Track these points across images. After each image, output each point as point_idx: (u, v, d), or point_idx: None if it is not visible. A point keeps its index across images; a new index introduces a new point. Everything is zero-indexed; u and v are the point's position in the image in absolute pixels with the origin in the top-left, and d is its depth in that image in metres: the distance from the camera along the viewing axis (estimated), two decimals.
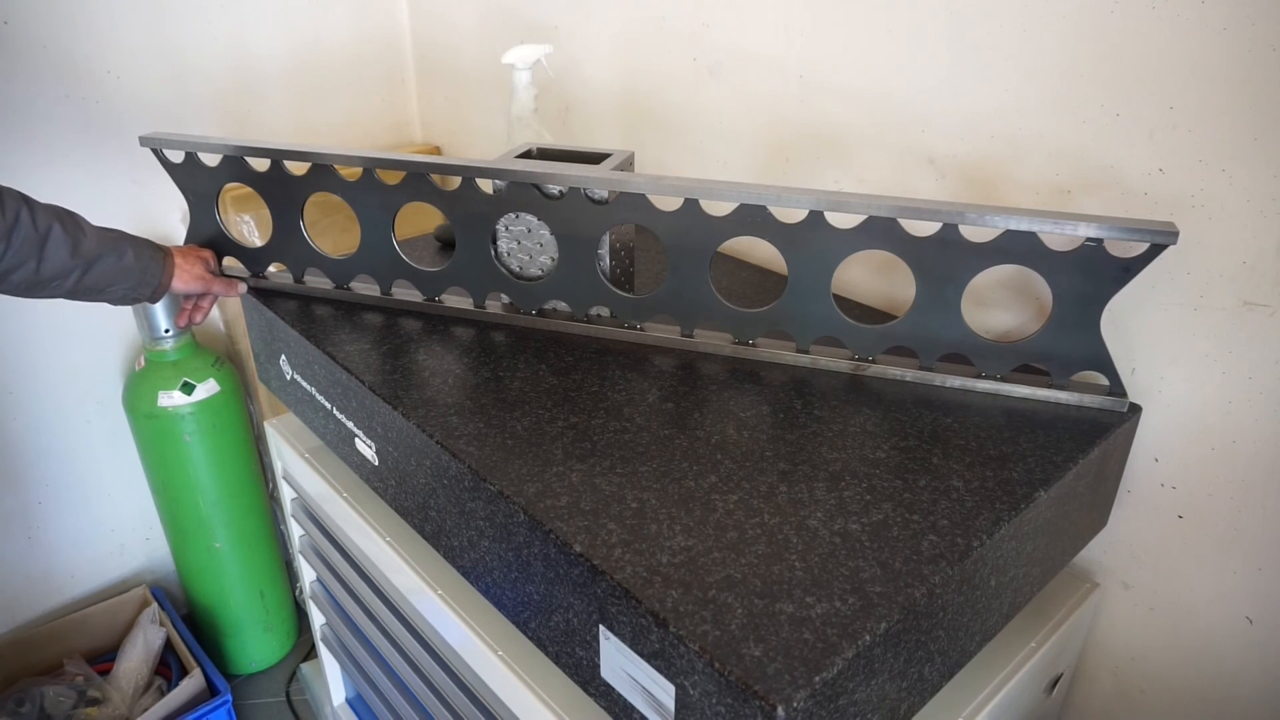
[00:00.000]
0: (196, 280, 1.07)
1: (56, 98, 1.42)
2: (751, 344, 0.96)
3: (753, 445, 0.81)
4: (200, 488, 1.56)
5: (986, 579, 0.73)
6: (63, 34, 1.40)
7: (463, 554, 0.86)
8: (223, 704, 1.52)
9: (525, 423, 0.84)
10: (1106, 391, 0.87)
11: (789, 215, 0.86)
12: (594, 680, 0.73)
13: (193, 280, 1.07)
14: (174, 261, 1.04)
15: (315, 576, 1.32)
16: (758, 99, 1.17)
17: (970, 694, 0.83)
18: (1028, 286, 0.97)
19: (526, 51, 1.14)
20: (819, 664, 0.58)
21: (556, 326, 1.02)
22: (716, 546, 0.68)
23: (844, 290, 1.13)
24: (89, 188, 1.49)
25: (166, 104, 1.53)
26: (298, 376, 1.08)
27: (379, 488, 0.99)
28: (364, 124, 1.81)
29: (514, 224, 1.00)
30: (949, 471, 0.78)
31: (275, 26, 1.62)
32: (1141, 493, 0.94)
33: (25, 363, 1.52)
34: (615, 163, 0.96)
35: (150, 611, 1.66)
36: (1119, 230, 0.77)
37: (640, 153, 1.33)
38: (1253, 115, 0.76)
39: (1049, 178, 0.92)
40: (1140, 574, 0.97)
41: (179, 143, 1.04)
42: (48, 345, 1.53)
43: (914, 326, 0.89)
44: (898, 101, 1.02)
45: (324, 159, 1.00)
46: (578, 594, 0.70)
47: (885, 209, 0.83)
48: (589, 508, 0.73)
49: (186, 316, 1.14)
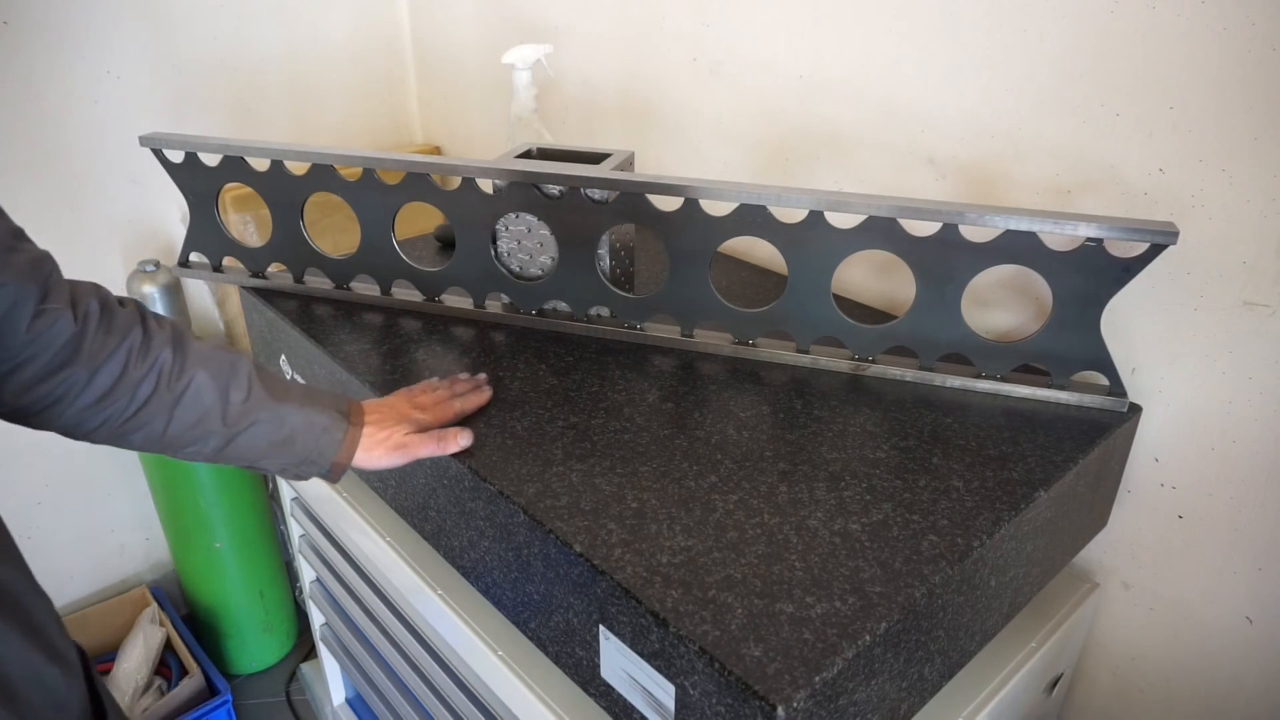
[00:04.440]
0: (390, 453, 0.80)
1: (56, 98, 1.42)
2: (751, 344, 0.96)
3: (753, 445, 0.81)
4: (200, 488, 1.56)
5: (986, 579, 0.73)
6: (63, 34, 1.40)
7: (463, 554, 0.86)
8: (223, 704, 1.52)
9: (525, 423, 0.84)
10: (1106, 391, 0.87)
11: (789, 215, 0.86)
12: (594, 680, 0.73)
13: (385, 454, 0.80)
14: (360, 432, 0.79)
15: (315, 576, 1.32)
16: (758, 99, 1.17)
17: (970, 694, 0.83)
18: (1028, 286, 0.97)
19: (526, 51, 1.14)
20: (819, 664, 0.58)
21: (556, 326, 1.02)
22: (716, 546, 0.68)
23: (844, 290, 1.13)
24: (89, 187, 1.50)
25: (166, 104, 1.53)
26: (298, 376, 1.08)
27: (379, 488, 0.99)
28: (364, 124, 1.81)
29: (514, 224, 1.00)
30: (949, 471, 0.78)
31: (275, 26, 1.62)
32: (1141, 493, 0.94)
33: None
34: (615, 163, 0.96)
35: (150, 611, 1.66)
36: (1119, 230, 0.77)
37: (640, 153, 1.33)
38: (1253, 115, 0.76)
39: (1049, 178, 0.92)
40: (1140, 574, 0.97)
41: (179, 143, 1.04)
42: None
43: (914, 326, 0.89)
44: (898, 101, 1.02)
45: (324, 159, 1.00)
46: (578, 594, 0.70)
47: (885, 209, 0.83)
48: (589, 508, 0.73)
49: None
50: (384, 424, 0.81)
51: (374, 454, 0.80)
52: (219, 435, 0.72)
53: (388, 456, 0.80)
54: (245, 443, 0.74)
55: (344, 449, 0.78)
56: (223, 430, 0.72)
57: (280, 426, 0.75)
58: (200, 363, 0.71)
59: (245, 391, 0.73)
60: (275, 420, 0.74)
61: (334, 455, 0.78)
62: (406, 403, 0.84)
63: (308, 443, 0.76)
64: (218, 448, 0.73)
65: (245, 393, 0.73)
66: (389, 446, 0.80)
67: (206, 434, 0.72)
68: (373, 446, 0.80)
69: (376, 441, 0.80)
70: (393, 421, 0.81)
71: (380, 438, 0.80)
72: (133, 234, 1.57)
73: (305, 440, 0.76)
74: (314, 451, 0.77)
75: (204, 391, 0.70)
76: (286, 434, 0.75)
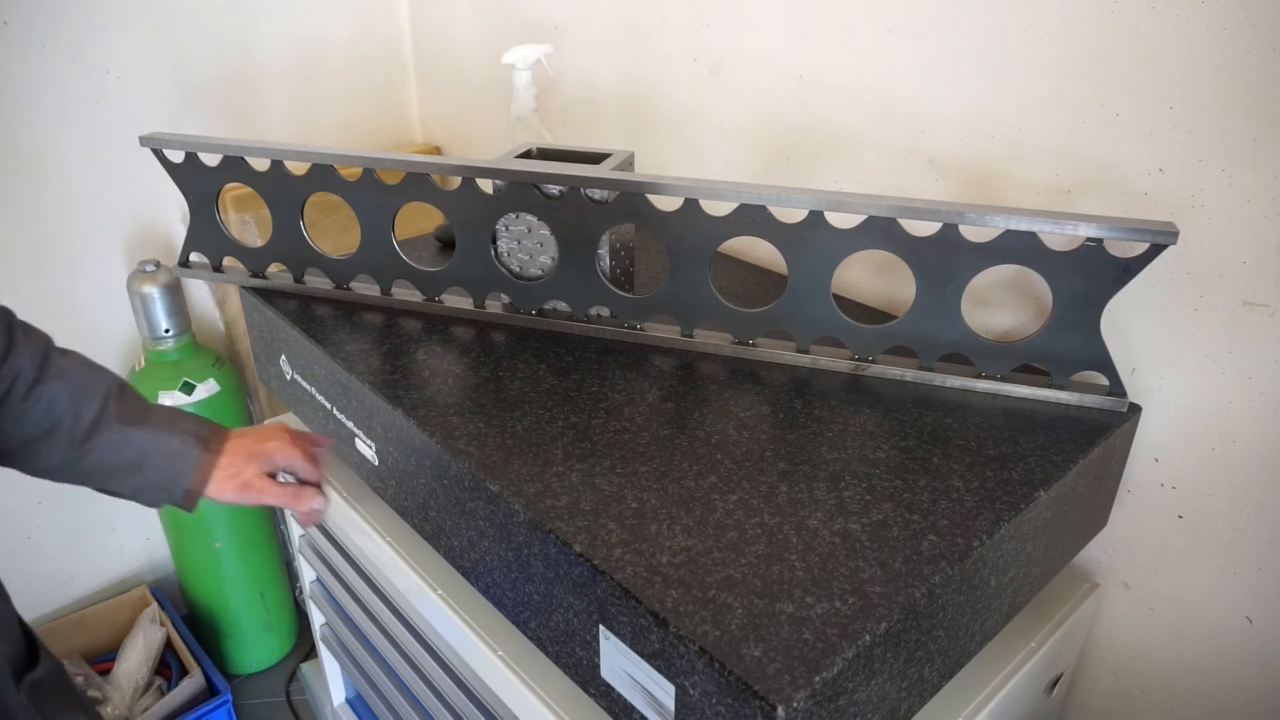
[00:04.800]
0: (239, 491, 0.80)
1: (56, 98, 1.42)
2: (751, 344, 0.96)
3: (753, 445, 0.81)
4: None
5: (986, 579, 0.73)
6: (63, 34, 1.40)
7: (463, 554, 0.86)
8: (223, 704, 1.52)
9: (525, 423, 0.84)
10: (1106, 391, 0.87)
11: (789, 215, 0.86)
12: (594, 680, 0.73)
13: (234, 492, 0.80)
14: (215, 462, 0.79)
15: (315, 576, 1.32)
16: (758, 99, 1.17)
17: (970, 694, 0.83)
18: (1028, 286, 0.97)
19: (526, 51, 1.14)
20: (819, 664, 0.58)
21: (556, 326, 1.02)
22: (716, 546, 0.68)
23: (844, 290, 1.13)
24: (89, 187, 1.50)
25: (166, 104, 1.53)
26: (298, 376, 1.08)
27: (379, 488, 0.99)
28: (364, 124, 1.81)
29: (514, 224, 1.00)
30: (949, 471, 0.78)
31: (275, 26, 1.62)
32: (1141, 493, 0.94)
33: None
34: (615, 163, 0.96)
35: (150, 611, 1.66)
36: (1119, 230, 0.77)
37: (640, 153, 1.33)
38: (1253, 115, 0.76)
39: (1049, 178, 0.92)
40: (1140, 574, 0.97)
41: (179, 143, 1.04)
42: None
43: (914, 326, 0.89)
44: (898, 101, 1.02)
45: (324, 159, 1.00)
46: (578, 594, 0.70)
47: (885, 209, 0.83)
48: (589, 508, 0.73)
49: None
50: (237, 454, 0.81)
51: (223, 488, 0.80)
52: (66, 450, 0.73)
53: (236, 494, 0.80)
54: (94, 461, 0.75)
55: (197, 476, 0.78)
56: (69, 446, 0.73)
57: (129, 448, 0.75)
58: (59, 377, 0.73)
59: (97, 410, 0.74)
60: (124, 441, 0.75)
61: (187, 483, 0.78)
62: (276, 439, 0.85)
63: (159, 466, 0.77)
64: (67, 462, 0.74)
65: (97, 411, 0.74)
66: (237, 484, 0.81)
67: (53, 448, 0.73)
68: (223, 480, 0.80)
69: (227, 476, 0.80)
70: (249, 462, 0.81)
71: (231, 473, 0.80)
72: (133, 234, 1.57)
73: (155, 464, 0.76)
74: (166, 477, 0.77)
75: (56, 405, 0.72)
76: (135, 456, 0.76)
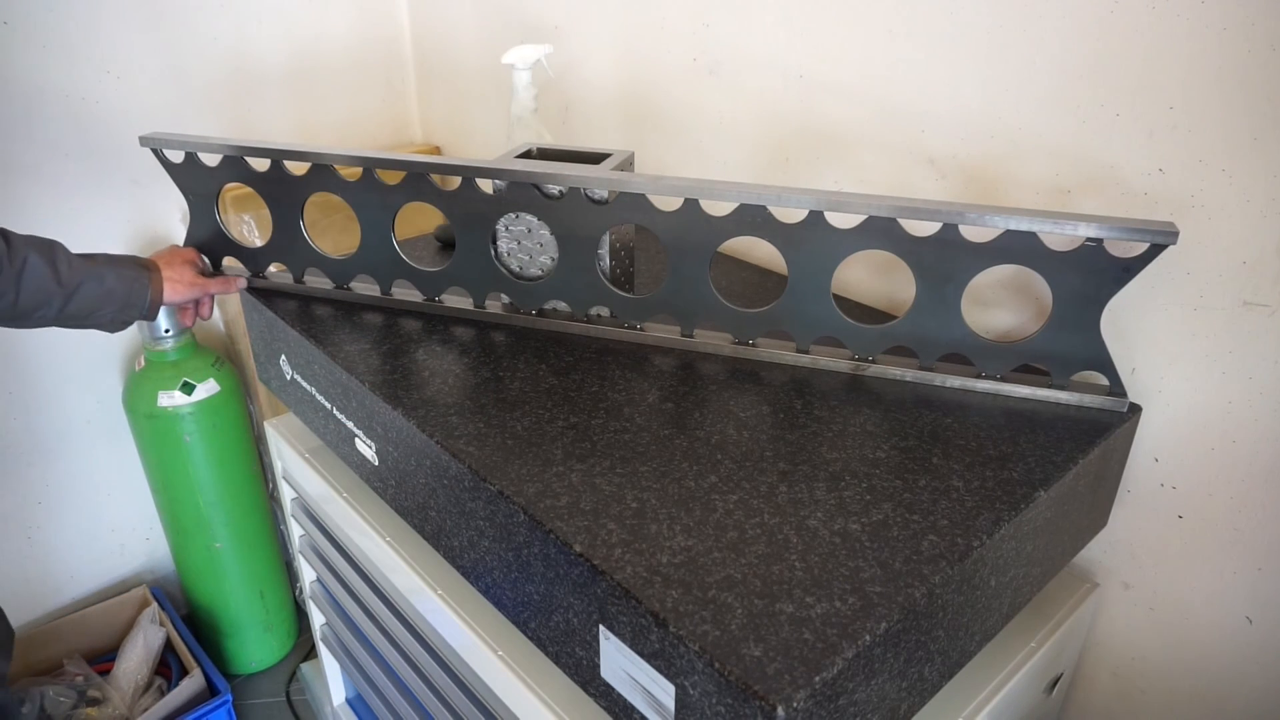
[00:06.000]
0: (189, 288, 1.06)
1: (56, 98, 1.42)
2: (751, 344, 0.96)
3: (753, 445, 0.81)
4: (200, 488, 1.56)
5: (986, 579, 0.73)
6: (63, 34, 1.40)
7: (463, 554, 0.86)
8: (223, 704, 1.52)
9: (525, 423, 0.84)
10: (1106, 391, 0.87)
11: (789, 215, 0.86)
12: (594, 680, 0.73)
13: (185, 289, 1.06)
14: (161, 276, 1.03)
15: (315, 576, 1.32)
16: (758, 99, 1.17)
17: (970, 694, 0.83)
18: (1028, 286, 0.97)
19: (526, 51, 1.14)
20: (819, 664, 0.58)
21: (556, 326, 1.02)
22: (716, 546, 0.68)
23: (844, 290, 1.13)
24: (89, 187, 1.49)
25: (166, 104, 1.53)
26: (298, 376, 1.08)
27: (379, 488, 0.99)
28: (364, 124, 1.81)
29: (514, 224, 1.00)
30: (949, 471, 0.78)
31: (275, 26, 1.62)
32: (1141, 493, 0.94)
33: (25, 363, 1.52)
34: (615, 163, 0.96)
35: (150, 611, 1.66)
36: (1119, 230, 0.77)
37: (640, 153, 1.33)
38: (1253, 115, 0.76)
39: (1049, 178, 0.92)
40: (1140, 574, 0.97)
41: (179, 143, 1.04)
42: (47, 346, 1.53)
43: (914, 326, 0.89)
44: (898, 101, 1.02)
45: (324, 159, 1.00)
46: (578, 594, 0.70)
47: (885, 209, 0.83)
48: (589, 508, 0.73)
49: (191, 316, 1.13)
50: (177, 270, 1.05)
51: (175, 290, 1.05)
52: (59, 297, 0.94)
53: (186, 291, 1.06)
54: (80, 300, 0.96)
55: (154, 289, 1.02)
56: (60, 293, 0.94)
57: (101, 282, 0.97)
58: (26, 245, 0.92)
59: (68, 262, 0.95)
60: (96, 278, 0.97)
61: (147, 295, 1.01)
62: (187, 260, 1.09)
63: (125, 290, 0.99)
64: (60, 308, 0.95)
65: (68, 263, 0.95)
66: (184, 284, 1.06)
67: (49, 298, 0.94)
68: (174, 286, 1.04)
69: (175, 282, 1.05)
70: (183, 268, 1.06)
71: (176, 277, 1.05)
72: (133, 234, 1.57)
73: (121, 289, 0.99)
74: (133, 296, 1.00)
75: (37, 265, 0.92)
76: (108, 288, 0.98)
